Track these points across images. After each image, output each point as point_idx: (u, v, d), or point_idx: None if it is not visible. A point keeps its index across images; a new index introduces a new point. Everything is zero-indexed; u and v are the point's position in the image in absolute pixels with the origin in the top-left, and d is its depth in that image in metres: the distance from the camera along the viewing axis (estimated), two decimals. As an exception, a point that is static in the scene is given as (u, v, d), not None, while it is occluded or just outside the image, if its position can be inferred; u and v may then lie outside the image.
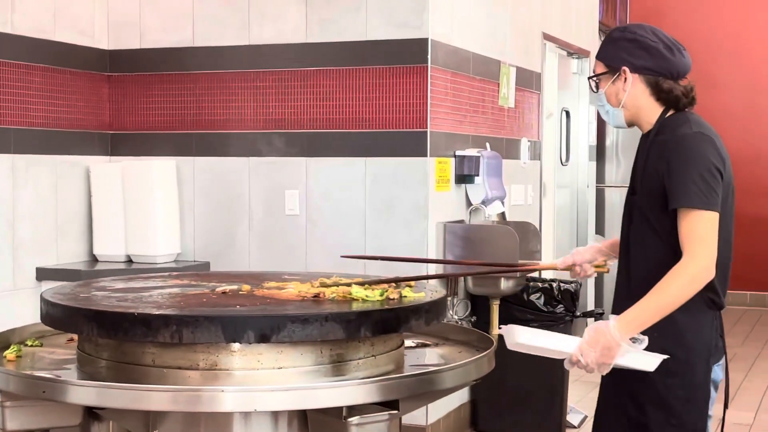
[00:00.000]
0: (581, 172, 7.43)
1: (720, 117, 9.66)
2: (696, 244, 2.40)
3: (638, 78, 2.58)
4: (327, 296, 2.83)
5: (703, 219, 2.41)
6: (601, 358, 2.42)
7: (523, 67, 5.90)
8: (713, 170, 2.44)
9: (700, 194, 2.41)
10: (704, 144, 2.48)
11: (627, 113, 2.62)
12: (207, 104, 5.03)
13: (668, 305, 2.40)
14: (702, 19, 9.83)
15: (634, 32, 2.60)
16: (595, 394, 6.15)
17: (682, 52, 2.60)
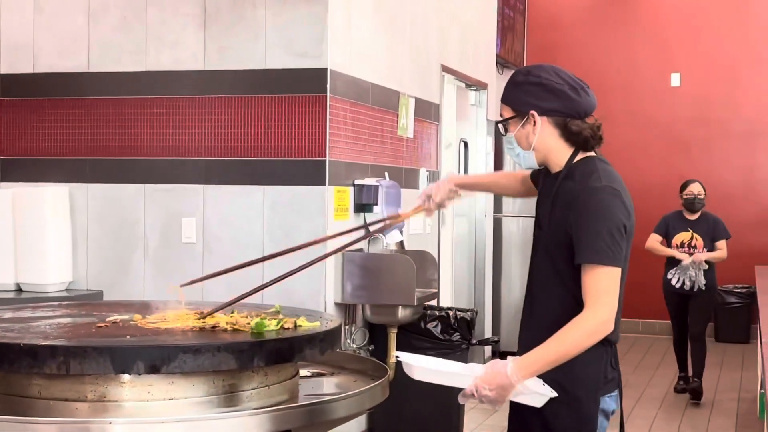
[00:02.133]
0: (479, 202, 7.55)
1: (614, 150, 9.95)
2: (598, 300, 2.44)
3: (547, 120, 2.58)
4: (221, 327, 2.80)
5: (606, 275, 2.45)
6: (495, 395, 2.46)
7: (421, 98, 5.98)
8: (620, 227, 2.48)
9: (607, 251, 2.44)
10: (613, 200, 2.50)
11: (538, 155, 2.62)
12: (102, 130, 4.95)
13: (565, 355, 2.45)
14: (595, 53, 10.13)
15: (538, 75, 2.60)
16: (491, 421, 6.25)
17: (587, 91, 2.63)
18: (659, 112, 9.99)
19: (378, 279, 4.78)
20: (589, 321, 2.44)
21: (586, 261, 2.45)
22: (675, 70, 10.00)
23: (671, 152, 9.87)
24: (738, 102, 9.82)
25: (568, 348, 2.44)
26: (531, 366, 2.46)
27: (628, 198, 2.56)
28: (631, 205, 2.56)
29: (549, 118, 2.58)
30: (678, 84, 10.00)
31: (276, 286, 4.64)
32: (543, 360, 2.46)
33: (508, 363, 2.47)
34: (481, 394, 2.48)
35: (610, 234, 2.45)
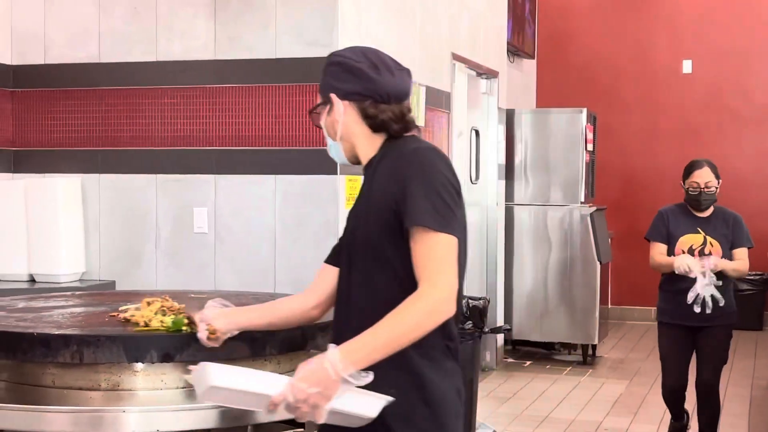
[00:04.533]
0: (490, 191, 7.54)
1: (626, 138, 9.93)
2: (434, 272, 2.07)
3: (349, 105, 2.26)
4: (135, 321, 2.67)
5: (441, 242, 2.09)
6: (316, 396, 2.01)
7: (432, 86, 5.97)
8: (450, 188, 2.15)
9: (437, 214, 2.10)
10: (439, 159, 2.19)
11: (346, 146, 2.32)
12: (113, 121, 4.96)
13: (401, 337, 2.05)
14: (607, 40, 10.09)
15: (340, 55, 2.31)
16: (504, 409, 6.25)
17: (393, 72, 2.27)
18: (671, 99, 9.94)
19: (390, 268, 4.77)
20: (430, 296, 2.06)
21: (416, 223, 2.09)
22: (687, 56, 9.95)
23: (683, 139, 9.83)
24: (750, 89, 9.76)
25: (405, 328, 2.05)
26: (359, 351, 2.03)
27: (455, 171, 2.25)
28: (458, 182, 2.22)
29: (351, 102, 2.26)
30: (690, 71, 9.95)
31: (287, 276, 4.67)
32: (371, 345, 2.03)
33: (327, 352, 2.05)
34: (297, 397, 2.02)
35: (439, 195, 2.11)
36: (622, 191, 9.90)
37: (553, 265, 7.81)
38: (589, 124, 7.98)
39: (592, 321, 7.68)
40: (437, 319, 2.08)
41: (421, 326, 2.06)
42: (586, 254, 7.72)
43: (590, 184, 8.06)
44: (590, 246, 7.71)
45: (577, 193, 7.80)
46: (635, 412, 6.17)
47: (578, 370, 7.51)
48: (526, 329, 7.85)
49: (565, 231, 7.79)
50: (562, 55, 10.16)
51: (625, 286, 9.60)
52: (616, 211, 9.39)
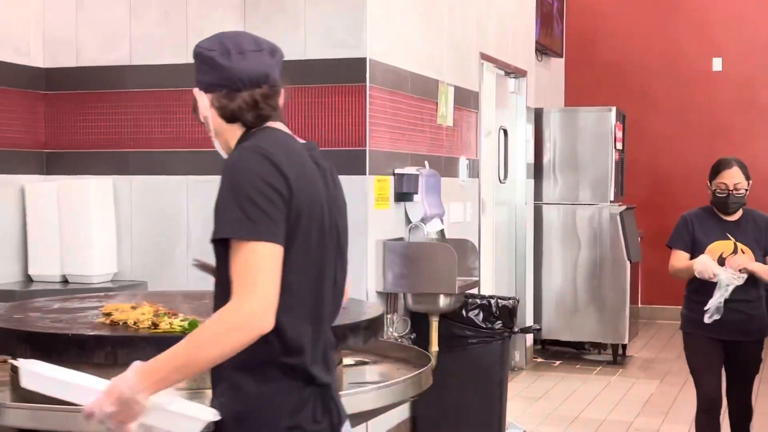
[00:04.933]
0: (519, 190, 7.52)
1: (656, 136, 9.88)
2: (245, 284, 1.88)
3: (211, 97, 2.12)
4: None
5: (252, 252, 1.90)
6: (118, 415, 1.90)
7: (461, 86, 5.97)
8: (267, 191, 1.93)
9: (246, 220, 1.91)
10: (255, 159, 1.97)
11: (220, 141, 2.17)
12: (144, 123, 5.00)
13: (201, 357, 1.88)
14: (638, 38, 10.04)
15: (198, 45, 2.16)
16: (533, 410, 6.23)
17: (245, 55, 2.09)
18: (701, 97, 9.87)
19: (419, 268, 4.78)
20: (231, 313, 1.87)
21: (219, 235, 1.94)
22: (717, 54, 9.87)
23: (713, 138, 9.75)
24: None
25: (204, 349, 1.87)
26: (154, 373, 1.88)
27: (294, 166, 2.02)
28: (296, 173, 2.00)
29: (212, 94, 2.12)
30: (720, 68, 9.88)
31: (318, 276, 4.68)
32: (170, 364, 1.88)
33: (127, 370, 1.93)
34: (102, 411, 1.91)
35: (249, 199, 1.92)
36: (651, 190, 9.84)
37: (582, 264, 7.79)
38: (619, 123, 7.95)
39: (622, 320, 7.65)
40: (243, 337, 1.88)
41: (224, 344, 1.87)
42: (615, 253, 7.68)
43: (620, 183, 8.03)
44: (620, 245, 7.68)
45: (606, 192, 7.77)
46: (666, 413, 6.14)
47: (608, 369, 7.48)
48: (555, 329, 7.83)
49: (595, 230, 7.76)
50: (591, 54, 10.11)
51: (655, 285, 9.54)
52: (645, 210, 9.33)
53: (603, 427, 5.79)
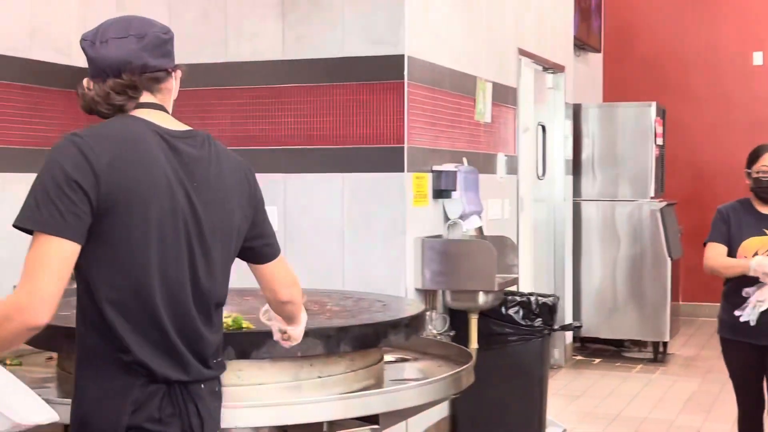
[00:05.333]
0: (558, 186, 7.48)
1: (696, 132, 9.77)
2: (22, 276, 1.87)
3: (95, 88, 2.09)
4: None
5: (38, 245, 1.87)
6: None
7: (498, 82, 5.95)
8: (63, 183, 1.88)
9: (34, 211, 1.88)
10: (65, 148, 1.93)
11: None
12: (183, 121, 5.01)
13: None
14: (677, 32, 9.94)
15: (84, 38, 2.11)
16: (574, 407, 6.20)
17: (107, 42, 2.05)
18: (741, 92, 9.75)
19: (458, 265, 4.77)
20: (6, 302, 1.88)
21: (14, 222, 1.92)
22: (757, 48, 9.75)
23: (754, 132, 9.60)
24: (825, 79, 9.53)
25: None
26: None
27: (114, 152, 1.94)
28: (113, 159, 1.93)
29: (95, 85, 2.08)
30: (761, 63, 9.75)
31: (356, 274, 4.70)
32: None
33: None
34: None
35: (44, 191, 1.89)
36: (692, 186, 9.74)
37: (621, 261, 7.73)
38: (659, 118, 7.88)
39: (663, 318, 7.58)
40: (11, 326, 1.85)
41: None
42: (656, 250, 7.62)
43: (660, 179, 7.95)
44: (660, 241, 7.61)
45: (646, 188, 7.71)
46: (708, 411, 6.08)
47: (649, 367, 7.42)
48: (594, 326, 7.77)
49: (635, 226, 7.69)
50: (629, 48, 10.03)
51: (696, 282, 9.43)
52: (685, 206, 9.23)
53: (644, 425, 5.75)
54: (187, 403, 1.97)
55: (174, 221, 1.97)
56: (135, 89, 2.04)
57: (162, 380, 1.94)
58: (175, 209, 1.97)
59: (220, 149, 2.14)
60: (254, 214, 2.14)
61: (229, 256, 2.11)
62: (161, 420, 1.93)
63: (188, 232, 1.99)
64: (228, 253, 2.09)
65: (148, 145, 1.98)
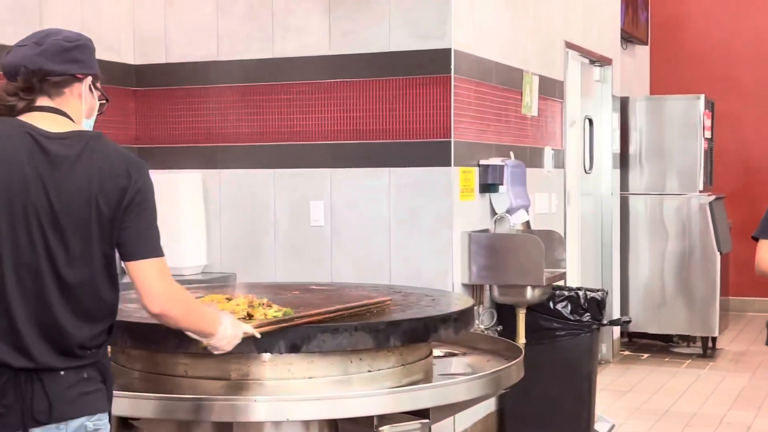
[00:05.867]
0: (605, 180, 7.41)
1: (745, 124, 9.63)
2: None
3: None
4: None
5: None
6: None
7: (545, 75, 5.91)
8: None
9: None
10: None
11: None
12: (232, 117, 5.07)
13: None
14: (725, 24, 9.79)
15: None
16: (622, 402, 6.15)
17: (12, 50, 2.25)
18: (791, 84, 9.58)
19: (505, 259, 4.76)
20: None
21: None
22: (807, 39, 9.58)
23: (805, 125, 9.47)
24: None
25: None
26: None
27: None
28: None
29: None
30: (812, 54, 9.58)
31: (402, 268, 4.70)
32: None
33: None
34: None
35: None
36: (740, 179, 9.60)
37: (670, 255, 7.64)
38: (707, 111, 7.77)
39: (712, 312, 7.49)
40: None
41: None
42: (705, 244, 7.52)
43: (709, 173, 7.85)
44: (709, 236, 7.51)
45: (695, 182, 7.61)
46: (759, 406, 5.99)
47: (698, 362, 7.34)
48: (642, 321, 7.70)
49: (683, 220, 7.61)
50: (677, 41, 9.90)
51: (746, 276, 9.28)
52: (735, 200, 9.10)
53: (694, 420, 5.69)
54: (34, 390, 2.08)
55: (27, 215, 2.10)
56: (28, 92, 2.18)
57: (6, 367, 2.07)
58: (28, 203, 2.10)
59: (99, 148, 2.20)
60: (125, 210, 2.19)
61: (93, 249, 2.16)
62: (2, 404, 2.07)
63: (42, 225, 2.10)
64: (89, 245, 2.15)
65: (12, 145, 2.12)
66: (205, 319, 2.34)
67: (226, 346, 2.38)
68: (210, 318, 2.35)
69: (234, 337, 2.39)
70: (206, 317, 2.35)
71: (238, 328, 2.42)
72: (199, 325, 2.33)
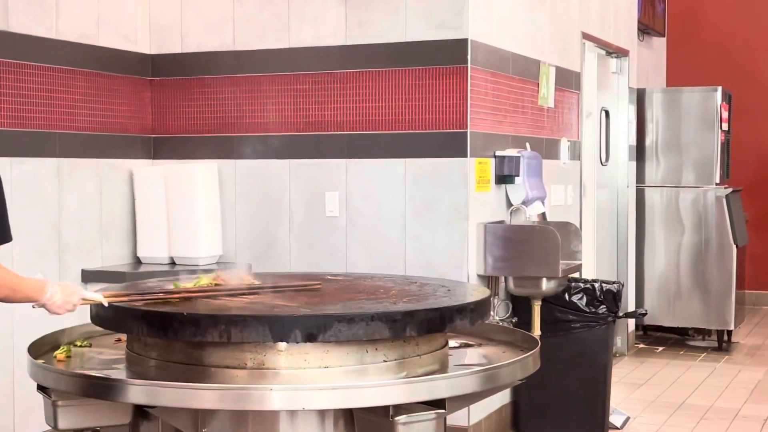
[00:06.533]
0: (621, 172, 7.38)
1: (763, 117, 9.56)
2: None
3: None
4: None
5: None
6: None
7: (562, 66, 5.88)
8: None
9: None
10: None
11: None
12: (248, 107, 5.07)
13: None
14: (742, 16, 9.72)
15: None
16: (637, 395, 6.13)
17: None
18: (811, 76, 9.51)
19: (521, 251, 4.74)
20: None
21: None
22: (826, 31, 9.51)
23: (824, 117, 9.40)
24: None
25: None
26: None
27: None
28: None
29: None
30: (829, 46, 9.50)
31: (418, 259, 4.69)
32: None
33: None
34: None
35: None
36: (758, 172, 9.55)
37: (686, 248, 7.61)
38: (725, 103, 7.72)
39: (728, 306, 7.45)
40: None
41: None
42: (721, 237, 7.48)
43: (725, 165, 7.81)
44: (726, 228, 7.47)
45: (711, 174, 7.57)
46: (764, 397, 5.96)
47: (713, 356, 7.30)
48: (658, 314, 7.67)
49: (699, 213, 7.57)
50: (694, 33, 9.84)
51: (762, 269, 9.26)
52: (751, 193, 9.05)
53: (709, 413, 5.66)
54: None
55: None
56: None
57: None
58: None
59: None
60: None
61: None
62: None
63: None
64: None
65: None
66: (21, 292, 2.60)
67: (57, 309, 2.64)
68: (29, 289, 2.61)
69: (65, 302, 2.64)
70: (23, 290, 2.60)
71: (71, 295, 2.65)
72: (14, 297, 2.59)
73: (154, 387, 2.53)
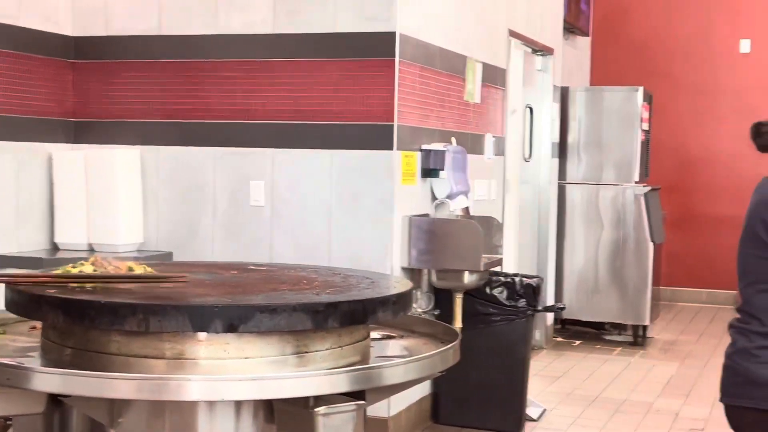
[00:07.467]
0: (543, 169, 7.49)
1: (682, 118, 9.80)
2: None
3: None
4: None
5: None
6: None
7: (488, 63, 5.93)
8: None
9: None
10: None
11: None
12: (173, 93, 5.00)
13: None
14: (665, 18, 9.94)
15: None
16: (554, 388, 6.23)
17: None
18: (728, 79, 9.78)
19: (444, 244, 4.78)
20: None
21: None
22: (745, 36, 9.77)
23: (740, 120, 9.64)
24: (811, 69, 9.56)
25: None
26: None
27: None
28: None
29: None
30: (748, 50, 9.77)
31: (342, 251, 4.69)
32: None
33: None
34: None
35: None
36: (676, 172, 9.78)
37: (604, 244, 7.76)
38: (645, 103, 7.89)
39: (643, 301, 7.63)
40: None
41: None
42: (639, 234, 7.65)
43: (645, 164, 7.98)
44: (643, 226, 7.64)
45: (631, 173, 7.73)
46: (687, 394, 6.12)
47: (629, 350, 7.47)
48: (576, 309, 7.81)
49: (618, 210, 7.73)
50: (618, 33, 10.03)
51: (677, 267, 9.50)
52: (670, 192, 9.28)
53: (623, 406, 5.79)
54: None
55: None
56: None
57: None
58: None
59: None
60: None
61: None
62: None
63: None
64: None
65: None
66: None
67: None
68: None
69: None
70: None
71: None
72: None
73: (68, 375, 2.48)
